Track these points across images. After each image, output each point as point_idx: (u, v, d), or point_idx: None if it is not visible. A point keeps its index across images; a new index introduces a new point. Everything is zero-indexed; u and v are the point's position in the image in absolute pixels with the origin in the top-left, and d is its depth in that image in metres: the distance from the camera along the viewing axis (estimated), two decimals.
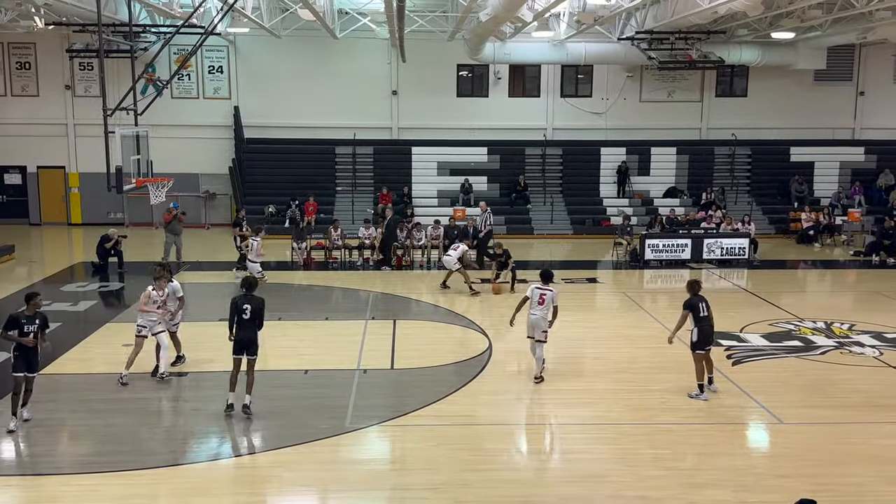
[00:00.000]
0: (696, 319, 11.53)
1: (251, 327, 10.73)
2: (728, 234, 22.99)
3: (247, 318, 10.71)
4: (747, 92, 30.47)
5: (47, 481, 8.98)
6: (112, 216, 28.50)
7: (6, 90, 28.49)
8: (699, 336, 11.50)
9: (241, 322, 10.73)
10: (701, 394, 11.60)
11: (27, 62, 28.46)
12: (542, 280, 12.44)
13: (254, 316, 10.74)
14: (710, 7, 18.12)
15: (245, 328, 10.71)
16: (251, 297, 10.87)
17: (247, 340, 10.71)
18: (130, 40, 19.73)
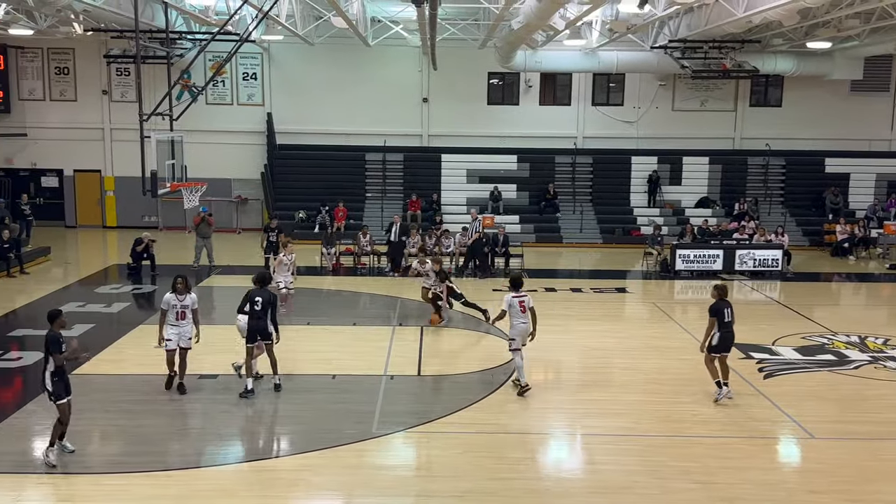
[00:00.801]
0: (720, 324, 11.66)
1: (263, 317, 11.51)
2: (761, 246, 22.73)
3: (258, 309, 11.50)
4: (782, 102, 30.14)
5: (78, 480, 9.11)
6: (146, 219, 28.93)
7: (45, 94, 29.05)
8: (719, 340, 11.67)
9: (253, 313, 11.53)
10: (720, 391, 11.73)
11: (66, 67, 29.00)
12: (513, 288, 12.12)
13: (265, 307, 11.52)
14: (745, 16, 17.98)
15: (257, 318, 11.51)
16: (263, 291, 11.68)
17: (258, 329, 11.54)
18: (167, 47, 19.98)
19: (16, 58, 28.57)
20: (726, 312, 11.73)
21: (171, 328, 11.67)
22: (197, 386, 12.22)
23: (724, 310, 11.73)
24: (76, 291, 19.19)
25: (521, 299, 12.03)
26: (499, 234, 22.63)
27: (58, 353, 9.32)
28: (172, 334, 11.68)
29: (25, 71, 28.86)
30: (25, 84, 28.92)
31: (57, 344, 9.32)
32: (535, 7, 16.22)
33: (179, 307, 11.68)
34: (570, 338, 15.58)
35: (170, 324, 11.67)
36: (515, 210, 28.31)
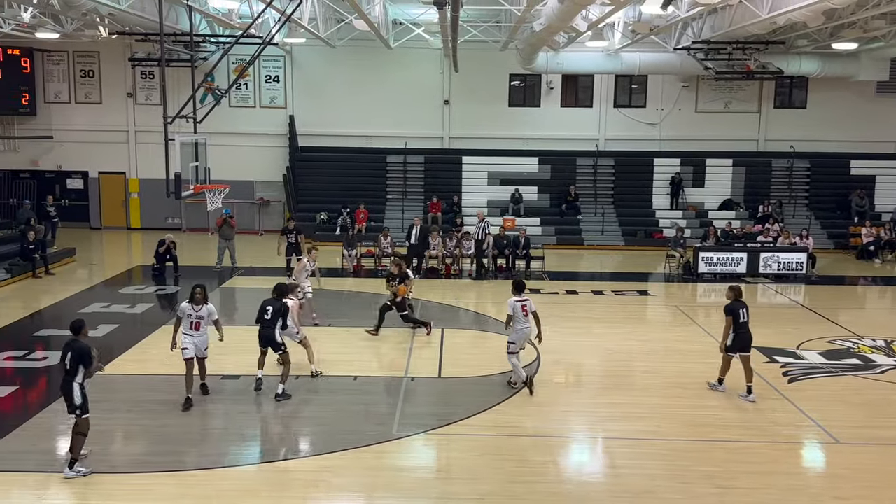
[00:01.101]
0: (736, 324, 11.89)
1: (271, 326, 11.75)
2: (785, 249, 22.51)
3: (268, 318, 11.80)
4: (807, 103, 29.85)
5: (102, 479, 9.17)
6: (170, 221, 29.18)
7: (70, 97, 29.39)
8: (735, 340, 11.94)
9: (262, 321, 11.83)
10: (719, 385, 12.28)
11: (91, 70, 29.33)
12: (516, 291, 12.23)
13: (274, 317, 11.78)
14: (770, 17, 17.82)
15: (265, 326, 11.80)
16: (276, 300, 11.92)
17: (266, 338, 11.81)
18: (191, 50, 20.15)
19: (42, 61, 28.94)
20: (741, 313, 11.93)
21: (187, 337, 11.47)
22: (219, 387, 12.30)
23: (740, 310, 11.93)
24: (101, 292, 19.39)
25: (524, 303, 12.15)
26: (520, 236, 22.58)
27: (90, 366, 9.20)
28: (189, 343, 11.45)
29: (51, 74, 29.23)
30: (51, 87, 29.28)
31: (89, 356, 9.18)
32: (557, 9, 16.17)
33: (195, 317, 11.44)
34: (592, 340, 15.52)
35: (185, 333, 11.47)
36: (536, 212, 28.24)
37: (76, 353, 9.13)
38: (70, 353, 9.16)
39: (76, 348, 9.16)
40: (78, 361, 9.12)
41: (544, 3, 17.42)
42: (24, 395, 12.11)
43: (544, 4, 17.48)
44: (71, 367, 9.12)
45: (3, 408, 11.50)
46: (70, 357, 9.14)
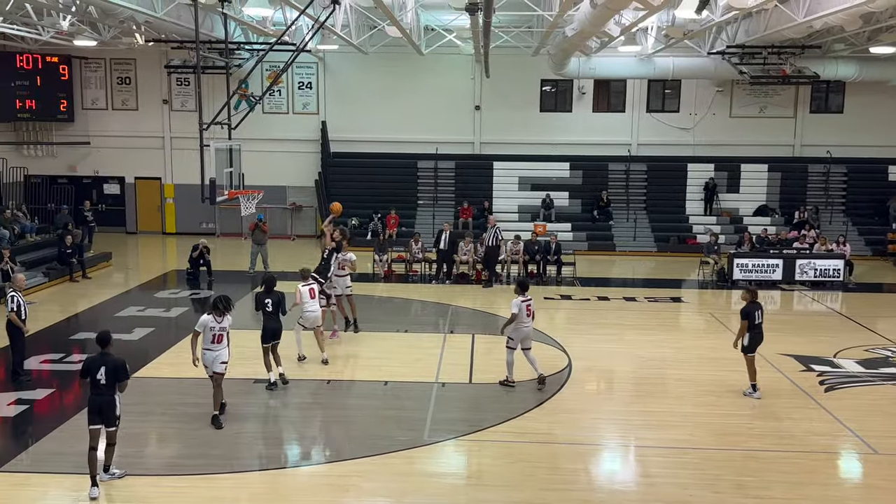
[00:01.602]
0: (751, 326, 12.20)
1: (275, 318, 12.24)
2: (822, 255, 22.15)
3: (270, 311, 12.21)
4: (843, 108, 29.38)
5: (137, 482, 9.30)
6: (204, 226, 29.51)
7: (108, 104, 29.88)
8: (750, 341, 12.27)
9: (265, 314, 12.23)
10: (754, 392, 12.34)
11: (127, 77, 29.81)
12: (521, 290, 12.50)
13: (275, 308, 12.22)
14: (806, 21, 17.58)
15: (270, 319, 12.23)
16: (272, 292, 12.31)
17: (272, 329, 12.26)
18: (226, 57, 20.40)
19: (80, 68, 29.46)
20: (757, 315, 12.24)
21: (206, 352, 10.94)
22: (251, 390, 12.41)
23: (755, 312, 12.23)
24: (136, 296, 19.67)
25: (529, 303, 12.42)
26: (551, 242, 22.49)
27: (125, 380, 9.11)
28: (207, 358, 10.94)
29: (89, 81, 29.74)
30: (89, 93, 29.80)
31: (125, 370, 9.07)
32: (589, 13, 16.10)
33: (217, 329, 10.88)
34: (624, 347, 15.40)
35: (204, 347, 10.95)
36: (568, 218, 28.11)
37: (111, 368, 8.92)
38: (104, 367, 8.92)
39: (110, 362, 8.96)
40: (114, 377, 8.94)
41: (577, 8, 17.36)
42: (60, 398, 12.32)
43: (577, 9, 17.42)
44: (108, 381, 8.93)
45: (41, 410, 11.71)
46: (105, 372, 8.90)
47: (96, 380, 8.91)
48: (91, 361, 9.02)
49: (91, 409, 8.97)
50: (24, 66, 27.20)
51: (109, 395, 8.95)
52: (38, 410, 11.67)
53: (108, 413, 8.94)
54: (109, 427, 9.02)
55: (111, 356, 9.06)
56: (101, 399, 8.93)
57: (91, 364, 8.98)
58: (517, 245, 22.37)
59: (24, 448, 10.40)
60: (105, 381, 8.91)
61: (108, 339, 9.19)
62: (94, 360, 9.02)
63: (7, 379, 12.86)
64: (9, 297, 12.67)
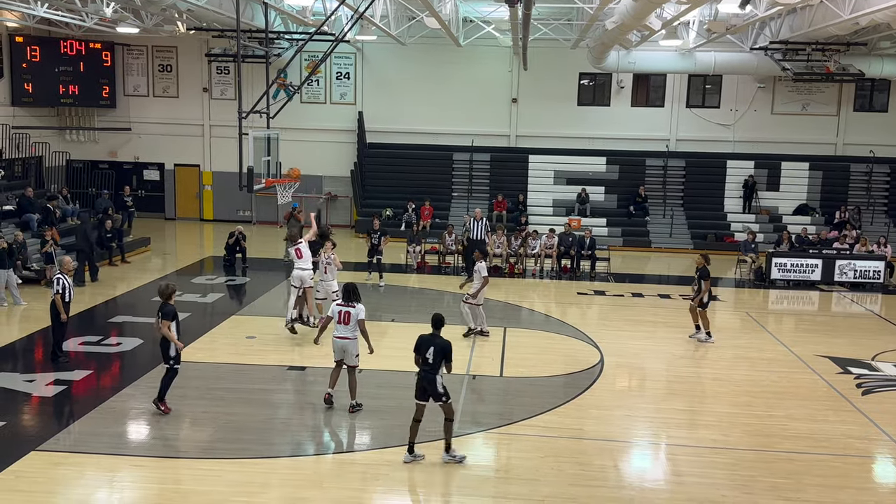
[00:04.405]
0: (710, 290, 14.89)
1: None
2: (862, 256, 21.75)
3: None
4: (888, 107, 28.77)
5: (171, 463, 9.47)
6: (241, 214, 29.81)
7: (149, 91, 30.28)
8: (709, 298, 15.07)
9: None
10: (710, 338, 15.10)
11: (169, 65, 30.17)
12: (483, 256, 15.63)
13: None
14: (852, 18, 17.21)
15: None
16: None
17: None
18: (265, 46, 20.56)
19: (122, 55, 29.87)
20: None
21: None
22: (285, 377, 12.53)
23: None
24: (173, 281, 19.84)
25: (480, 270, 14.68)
26: (585, 236, 22.36)
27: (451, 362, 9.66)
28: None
29: (131, 68, 30.15)
30: (130, 80, 30.21)
31: (451, 352, 9.65)
32: (630, 7, 15.94)
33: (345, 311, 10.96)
34: (657, 345, 15.27)
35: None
36: (603, 213, 27.92)
37: (439, 349, 9.46)
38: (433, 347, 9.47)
39: (438, 344, 9.52)
40: (441, 357, 9.49)
41: (618, 1, 17.20)
42: (97, 379, 12.54)
43: (618, 2, 17.26)
44: (435, 360, 9.46)
45: (78, 391, 11.93)
46: (433, 351, 9.43)
47: (425, 357, 9.52)
48: (422, 340, 9.64)
49: (418, 384, 9.58)
50: (68, 52, 27.68)
51: (433, 374, 9.45)
52: (76, 392, 11.89)
53: (430, 390, 9.47)
54: (437, 401, 9.52)
55: (440, 338, 9.59)
56: (426, 377, 9.50)
57: (422, 342, 9.62)
58: (552, 239, 22.28)
59: (61, 428, 10.63)
60: (432, 360, 9.47)
61: (441, 322, 9.78)
62: (426, 339, 9.62)
63: (46, 359, 13.13)
64: (54, 279, 12.93)
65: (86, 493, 8.78)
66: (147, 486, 8.95)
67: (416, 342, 9.66)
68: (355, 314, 10.95)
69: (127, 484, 9.00)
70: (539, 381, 12.86)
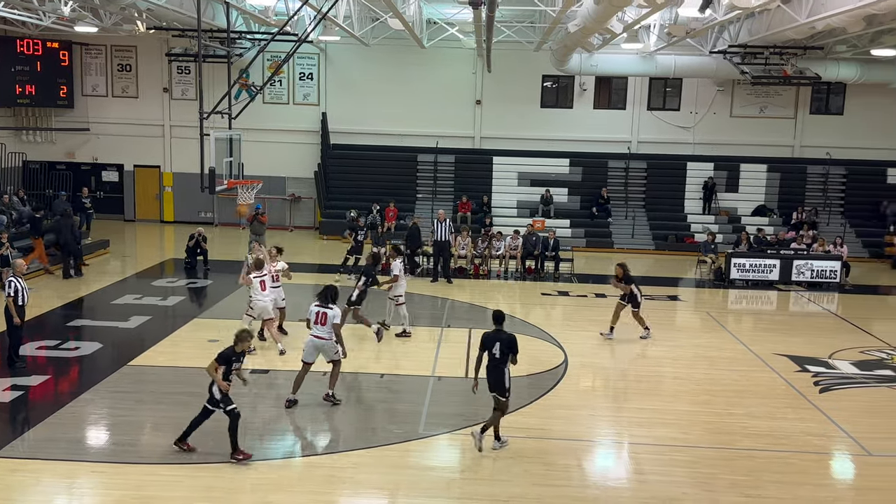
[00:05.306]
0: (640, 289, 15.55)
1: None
2: (819, 256, 22.18)
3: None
4: (844, 110, 29.40)
5: (132, 469, 9.31)
6: (202, 215, 29.47)
7: (108, 91, 29.78)
8: (641, 297, 15.61)
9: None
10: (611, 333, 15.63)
11: (128, 65, 29.71)
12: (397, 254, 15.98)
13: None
14: (808, 22, 17.56)
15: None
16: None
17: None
18: (227, 46, 20.34)
19: (80, 54, 29.35)
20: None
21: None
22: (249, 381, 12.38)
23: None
24: (133, 284, 19.66)
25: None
26: (549, 237, 22.49)
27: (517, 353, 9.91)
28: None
29: (89, 67, 29.64)
30: (89, 80, 29.70)
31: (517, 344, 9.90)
32: (592, 10, 16.08)
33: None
34: (620, 345, 15.41)
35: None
36: (566, 214, 28.11)
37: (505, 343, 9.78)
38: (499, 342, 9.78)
39: (505, 338, 9.84)
40: (508, 350, 9.80)
41: (580, 5, 17.33)
42: (55, 384, 12.30)
43: (580, 5, 17.39)
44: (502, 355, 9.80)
45: (35, 397, 11.70)
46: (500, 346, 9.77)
47: (492, 353, 9.82)
48: (488, 337, 9.95)
49: (488, 377, 9.93)
50: (25, 52, 27.07)
51: (503, 366, 9.80)
52: (33, 397, 11.65)
53: (498, 383, 9.83)
54: (501, 395, 9.86)
55: (505, 332, 9.93)
56: (495, 369, 9.82)
57: (487, 339, 9.93)
58: (516, 240, 22.38)
59: (17, 434, 10.41)
60: (499, 355, 9.78)
61: (502, 318, 10.11)
62: (491, 336, 9.94)
63: (3, 364, 12.85)
64: (6, 282, 12.65)
65: (43, 501, 8.61)
66: (107, 492, 8.80)
67: (482, 339, 9.98)
68: (332, 316, 11.05)
69: (86, 491, 8.84)
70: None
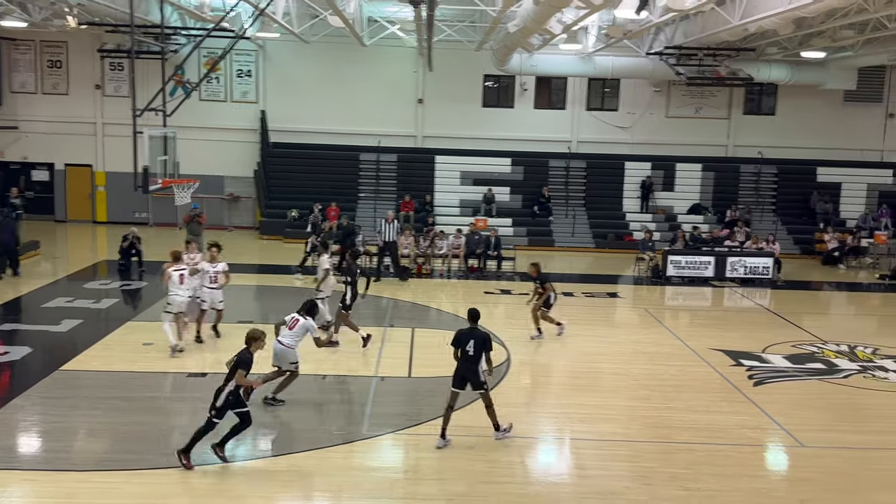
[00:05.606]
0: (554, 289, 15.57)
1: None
2: (752, 253, 22.78)
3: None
4: (775, 110, 30.25)
5: (64, 477, 9.01)
6: (137, 216, 28.73)
7: (37, 88, 28.84)
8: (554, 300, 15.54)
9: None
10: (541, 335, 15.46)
11: (59, 61, 28.83)
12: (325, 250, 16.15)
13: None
14: (741, 24, 18.01)
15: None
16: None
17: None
18: (161, 42, 19.92)
19: (8, 50, 28.37)
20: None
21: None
22: (185, 384, 12.14)
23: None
24: (65, 286, 19.06)
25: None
26: (491, 236, 22.60)
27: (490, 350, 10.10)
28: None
29: (17, 63, 28.66)
30: (17, 77, 28.72)
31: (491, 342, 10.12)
32: (532, 10, 16.20)
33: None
34: (561, 342, 15.55)
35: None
36: (508, 213, 28.29)
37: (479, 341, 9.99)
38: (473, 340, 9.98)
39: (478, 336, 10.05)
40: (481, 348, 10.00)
41: (519, 5, 17.44)
42: None
43: (519, 6, 17.50)
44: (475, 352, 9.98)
45: None
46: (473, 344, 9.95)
47: (465, 350, 9.97)
48: (462, 334, 10.11)
49: (457, 374, 10.09)
50: None
51: (475, 364, 10.01)
52: None
53: (472, 379, 10.05)
54: (477, 390, 10.13)
55: (479, 330, 10.17)
56: (468, 367, 10.01)
57: (462, 336, 10.08)
58: (459, 239, 22.42)
59: None
60: (473, 352, 9.96)
61: (477, 316, 10.34)
62: (465, 333, 10.12)
63: None
64: None
65: None
66: (38, 500, 8.53)
67: (455, 336, 10.15)
68: (302, 325, 11.29)
69: (16, 500, 8.54)
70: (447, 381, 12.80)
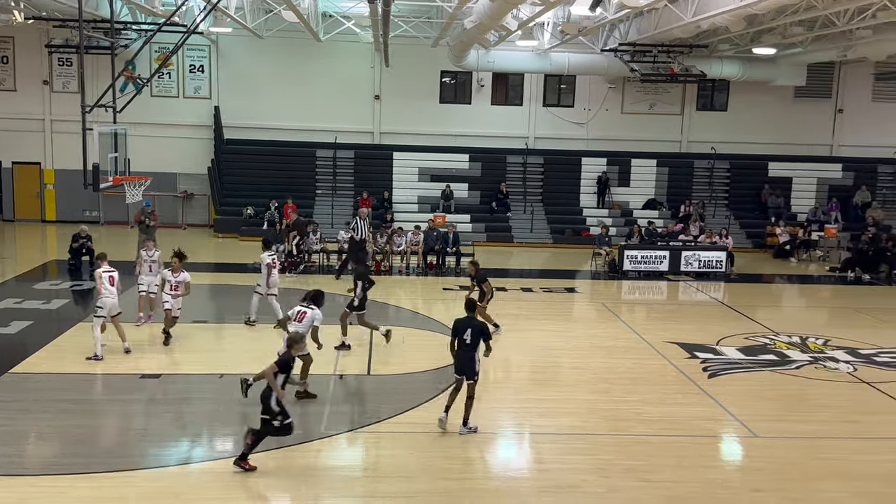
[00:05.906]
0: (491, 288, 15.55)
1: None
2: (706, 247, 23.12)
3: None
4: (727, 106, 30.76)
5: (13, 482, 8.78)
6: (87, 214, 28.14)
7: None
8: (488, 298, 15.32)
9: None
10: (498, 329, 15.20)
11: (5, 56, 28.10)
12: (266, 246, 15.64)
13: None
14: (694, 21, 18.25)
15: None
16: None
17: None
18: (111, 37, 19.45)
19: None
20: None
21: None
22: (138, 386, 11.91)
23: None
24: (13, 287, 18.58)
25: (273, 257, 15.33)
26: (449, 232, 22.59)
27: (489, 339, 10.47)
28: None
29: None
30: None
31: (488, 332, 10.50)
32: (487, 7, 16.23)
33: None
34: (520, 337, 15.61)
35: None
36: (467, 209, 28.31)
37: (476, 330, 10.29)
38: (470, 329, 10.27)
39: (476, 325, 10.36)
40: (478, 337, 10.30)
41: (475, 1, 17.45)
42: None
43: (475, 2, 17.51)
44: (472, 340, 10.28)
45: None
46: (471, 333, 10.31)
47: (462, 339, 10.29)
48: (459, 324, 10.40)
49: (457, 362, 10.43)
50: None
51: (472, 352, 10.27)
52: None
53: (467, 366, 10.29)
54: (469, 379, 10.31)
55: (476, 320, 10.54)
56: (465, 355, 10.29)
57: (459, 325, 10.38)
58: (417, 235, 22.37)
59: None
60: (470, 341, 10.25)
61: (474, 306, 10.77)
62: (463, 322, 10.40)
63: None
64: None
65: None
66: None
67: (454, 325, 10.45)
68: (311, 316, 11.49)
69: None
70: (406, 378, 12.86)
